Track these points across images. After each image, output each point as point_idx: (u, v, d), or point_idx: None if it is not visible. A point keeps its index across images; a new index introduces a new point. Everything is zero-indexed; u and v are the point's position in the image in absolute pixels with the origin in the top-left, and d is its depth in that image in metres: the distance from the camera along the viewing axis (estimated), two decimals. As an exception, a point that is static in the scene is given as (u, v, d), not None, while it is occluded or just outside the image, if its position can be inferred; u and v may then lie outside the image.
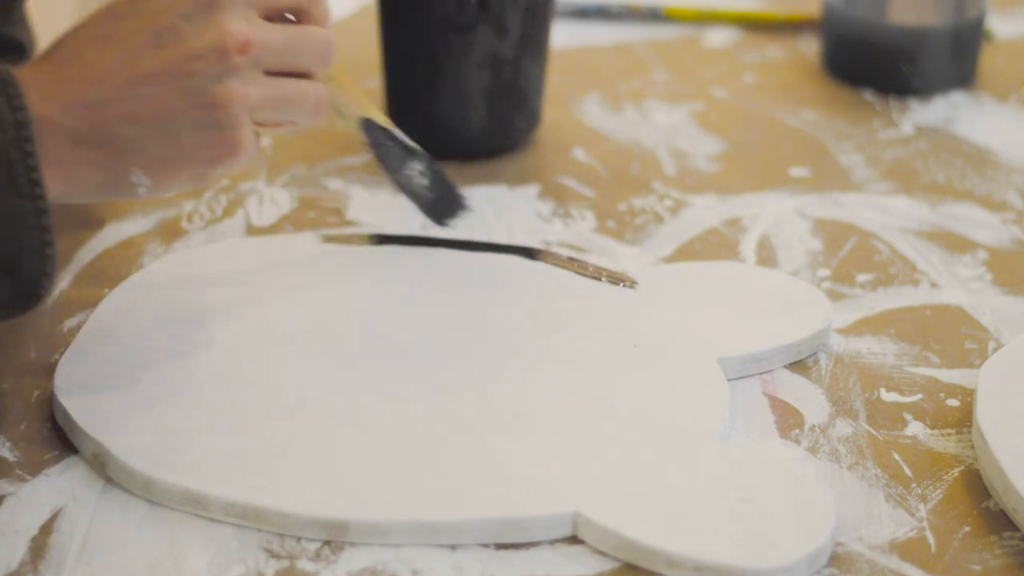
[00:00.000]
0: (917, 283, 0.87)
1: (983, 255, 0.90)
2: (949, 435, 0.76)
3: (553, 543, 0.69)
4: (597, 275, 0.85)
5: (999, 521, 0.70)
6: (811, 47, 1.13)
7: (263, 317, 0.80)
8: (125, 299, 0.82)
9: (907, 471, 0.73)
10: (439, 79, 0.95)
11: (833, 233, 0.91)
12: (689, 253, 0.89)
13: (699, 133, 1.02)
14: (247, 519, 0.69)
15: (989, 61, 1.11)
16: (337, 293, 0.83)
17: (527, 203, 0.94)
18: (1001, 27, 1.17)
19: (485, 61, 0.95)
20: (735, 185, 0.96)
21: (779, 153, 1.00)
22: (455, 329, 0.80)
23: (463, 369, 0.77)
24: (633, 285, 0.84)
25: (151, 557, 0.67)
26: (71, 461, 0.72)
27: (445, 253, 0.86)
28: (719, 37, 1.16)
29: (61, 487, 0.71)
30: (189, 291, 0.82)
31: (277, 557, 0.68)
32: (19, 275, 0.68)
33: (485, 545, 0.69)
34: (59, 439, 0.74)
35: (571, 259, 0.86)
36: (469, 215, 0.87)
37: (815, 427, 0.76)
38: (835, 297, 0.86)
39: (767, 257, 0.89)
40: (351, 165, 0.97)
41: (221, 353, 0.78)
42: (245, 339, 0.79)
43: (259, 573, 0.67)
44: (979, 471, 0.73)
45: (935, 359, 0.81)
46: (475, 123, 0.97)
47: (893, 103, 1.06)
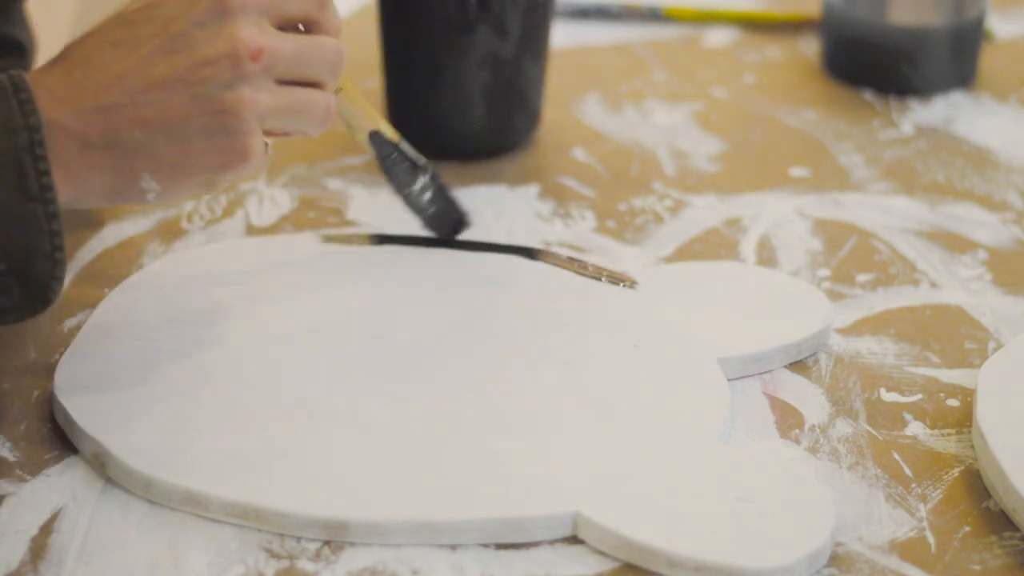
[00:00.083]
0: (917, 283, 0.87)
1: (983, 255, 0.90)
2: (949, 435, 0.76)
3: (553, 543, 0.69)
4: (597, 275, 0.85)
5: (999, 521, 0.70)
6: (811, 47, 1.13)
7: (263, 317, 0.80)
8: (125, 299, 0.82)
9: (907, 471, 0.73)
10: (439, 79, 0.95)
11: (833, 233, 0.91)
12: (689, 253, 0.89)
13: (699, 133, 1.02)
14: (247, 519, 0.69)
15: (989, 61, 1.11)
16: (337, 293, 0.83)
17: (527, 203, 0.94)
18: (1001, 27, 1.17)
19: (485, 61, 0.95)
20: (735, 185, 0.96)
21: (779, 153, 1.00)
22: (455, 329, 0.80)
23: (463, 369, 0.77)
24: (633, 285, 0.84)
25: (151, 557, 0.67)
26: (71, 461, 0.72)
27: (445, 253, 0.86)
28: (719, 37, 1.16)
29: (61, 487, 0.71)
30: (189, 291, 0.82)
31: (277, 557, 0.68)
32: (29, 278, 0.68)
33: (485, 545, 0.68)
34: (59, 439, 0.74)
35: (571, 259, 0.86)
36: (470, 229, 0.87)
37: (815, 427, 0.76)
38: (835, 297, 0.85)
39: (767, 257, 0.89)
40: (351, 165, 0.97)
41: (221, 353, 0.78)
42: (245, 339, 0.79)
43: (259, 573, 0.67)
44: (979, 471, 0.73)
45: (935, 359, 0.81)
46: (475, 123, 0.97)
47: (893, 103, 1.06)
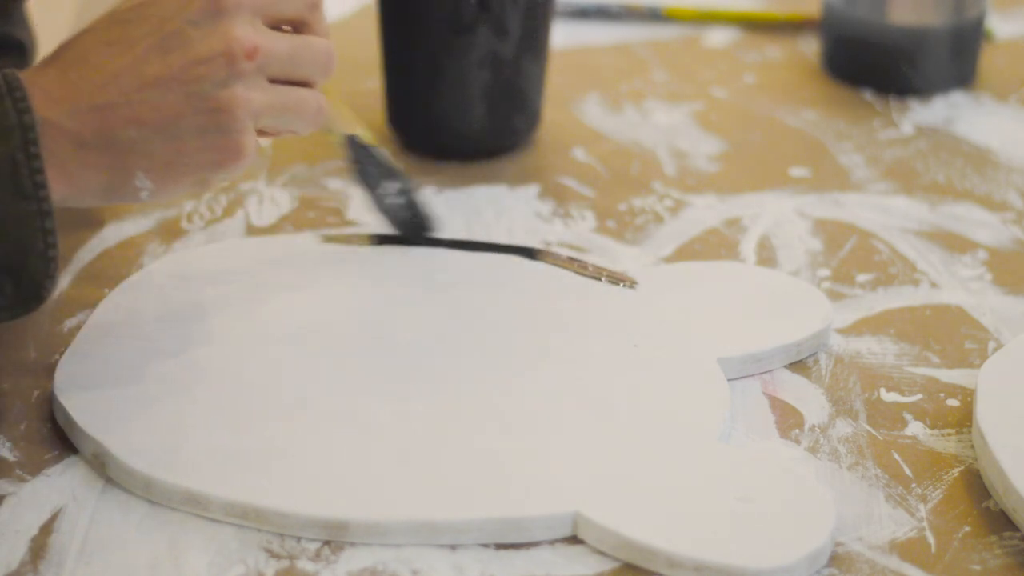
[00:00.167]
0: (917, 283, 0.87)
1: (983, 255, 0.90)
2: (949, 435, 0.76)
3: (553, 543, 0.69)
4: (597, 275, 0.85)
5: (999, 521, 0.70)
6: (811, 47, 1.13)
7: (263, 317, 0.80)
8: (125, 299, 0.82)
9: (907, 471, 0.73)
10: (439, 79, 0.95)
11: (833, 233, 0.91)
12: (689, 253, 0.89)
13: (699, 133, 1.02)
14: (247, 519, 0.69)
15: (989, 61, 1.11)
16: (337, 293, 0.83)
17: (527, 203, 0.94)
18: (1001, 27, 1.17)
19: (485, 61, 0.95)
20: (735, 185, 0.96)
21: (779, 153, 1.00)
22: (455, 329, 0.80)
23: (463, 369, 0.77)
24: (633, 285, 0.84)
25: (151, 557, 0.67)
26: (71, 461, 0.72)
27: (445, 253, 0.86)
28: (719, 37, 1.16)
29: (61, 487, 0.71)
30: (189, 291, 0.82)
31: (277, 557, 0.68)
32: (22, 276, 0.69)
33: (485, 545, 0.68)
34: (59, 439, 0.74)
35: (571, 259, 0.86)
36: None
37: (815, 427, 0.76)
38: (835, 297, 0.85)
39: (767, 257, 0.89)
40: (351, 165, 0.97)
41: (221, 353, 0.78)
42: (245, 339, 0.79)
43: (259, 573, 0.67)
44: (979, 471, 0.73)
45: (935, 359, 0.81)
46: (475, 123, 0.97)
47: (893, 103, 1.06)
